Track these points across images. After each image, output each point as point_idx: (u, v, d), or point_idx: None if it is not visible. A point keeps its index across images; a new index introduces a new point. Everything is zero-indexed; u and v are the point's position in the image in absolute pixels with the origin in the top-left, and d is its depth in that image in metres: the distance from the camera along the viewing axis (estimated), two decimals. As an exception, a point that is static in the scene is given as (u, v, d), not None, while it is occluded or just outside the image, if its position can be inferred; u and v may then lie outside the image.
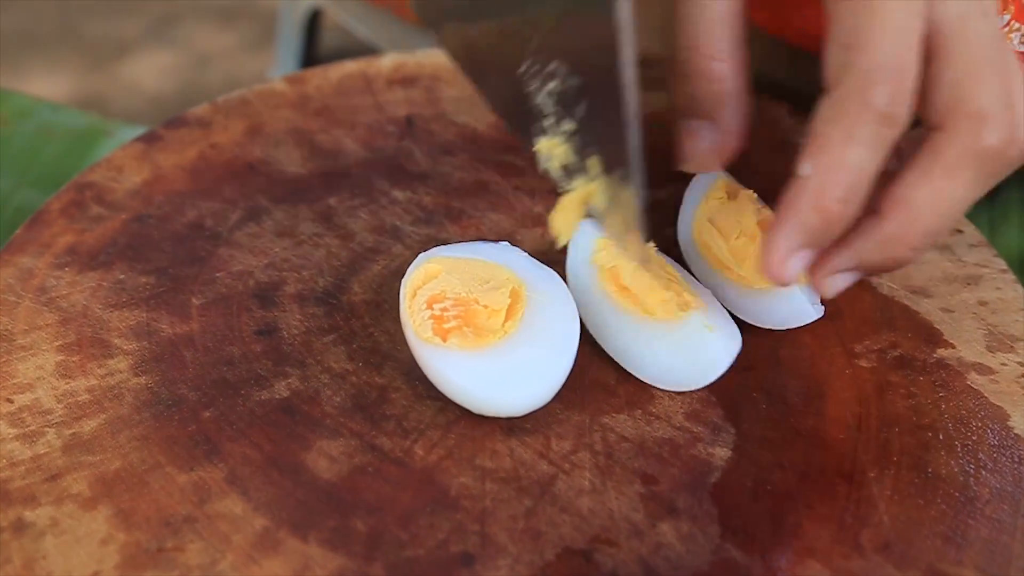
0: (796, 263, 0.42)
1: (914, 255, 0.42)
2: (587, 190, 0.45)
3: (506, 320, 0.44)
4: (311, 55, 1.35)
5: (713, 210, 0.50)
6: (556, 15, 0.42)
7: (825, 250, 0.43)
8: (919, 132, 0.42)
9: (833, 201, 0.40)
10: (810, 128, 0.41)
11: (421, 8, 0.50)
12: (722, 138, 0.46)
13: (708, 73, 0.45)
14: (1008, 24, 0.50)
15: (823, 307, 0.48)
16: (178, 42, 1.64)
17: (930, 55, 0.41)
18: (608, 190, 0.44)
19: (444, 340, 0.44)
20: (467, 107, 0.62)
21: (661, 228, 0.54)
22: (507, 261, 0.47)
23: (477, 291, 0.45)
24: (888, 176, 0.42)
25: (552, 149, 0.46)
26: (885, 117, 0.39)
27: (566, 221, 0.47)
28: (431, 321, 0.44)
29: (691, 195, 0.52)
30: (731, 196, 0.50)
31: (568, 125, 0.45)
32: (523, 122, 0.47)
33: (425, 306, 0.45)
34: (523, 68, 0.45)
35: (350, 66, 0.65)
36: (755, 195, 0.50)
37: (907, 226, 0.41)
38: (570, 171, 0.46)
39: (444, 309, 0.44)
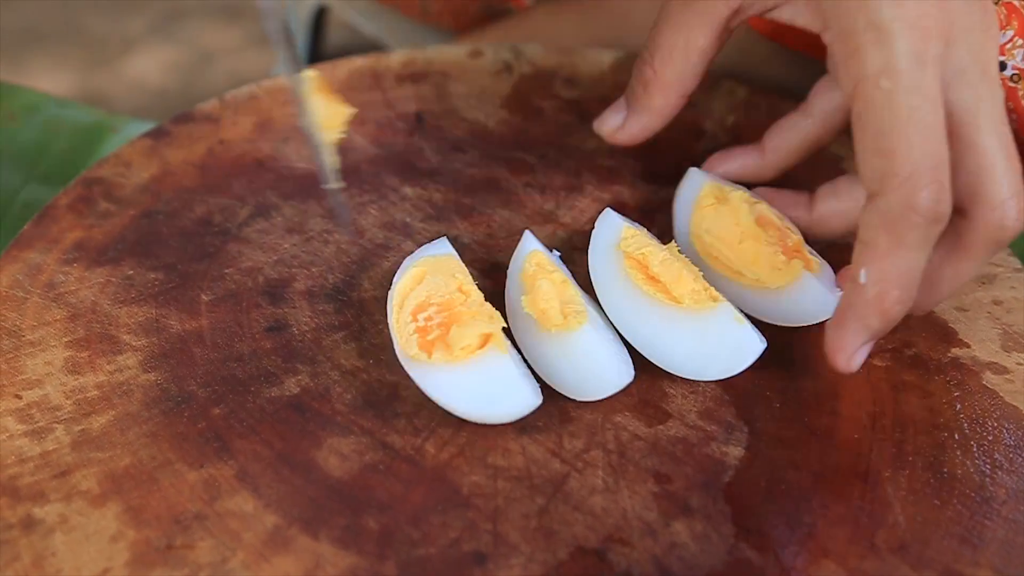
0: (861, 356, 0.44)
1: (920, 314, 0.47)
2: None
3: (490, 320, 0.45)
4: (316, 53, 1.35)
5: (707, 219, 0.50)
6: None
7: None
8: None
9: (892, 304, 0.42)
10: (859, 234, 0.42)
11: None
12: (625, 127, 0.52)
13: (645, 82, 0.50)
14: (1011, 40, 0.49)
15: None
16: (182, 39, 1.64)
17: (949, 142, 0.41)
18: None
19: (429, 355, 0.43)
20: (477, 103, 0.61)
21: (671, 224, 0.54)
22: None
23: (462, 279, 0.46)
24: None
25: None
26: (932, 218, 0.41)
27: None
28: (416, 336, 0.44)
29: (680, 205, 0.52)
30: (720, 200, 0.50)
31: None
32: None
33: (410, 318, 0.44)
34: None
35: (359, 62, 0.65)
36: (746, 193, 0.49)
37: (928, 299, 0.45)
38: None
39: (428, 318, 0.44)
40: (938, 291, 0.45)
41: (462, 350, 0.43)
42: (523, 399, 0.43)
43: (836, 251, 0.53)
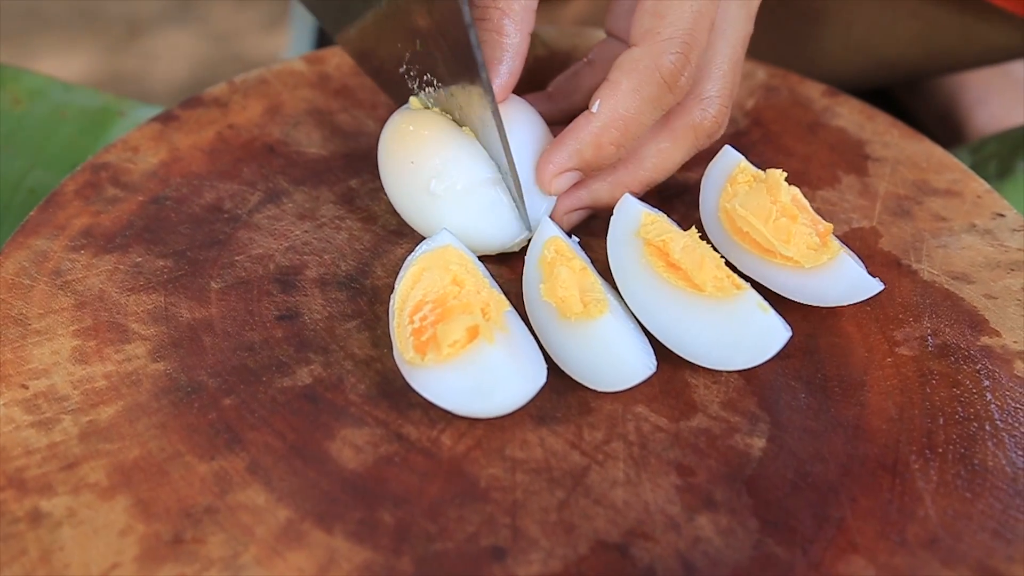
0: (564, 180, 0.49)
1: (634, 194, 0.50)
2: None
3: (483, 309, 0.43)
4: (325, 36, 1.33)
5: (740, 195, 0.48)
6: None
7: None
8: None
9: (608, 141, 0.47)
10: (609, 74, 0.48)
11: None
12: (496, 80, 0.49)
13: (490, 19, 0.49)
14: None
15: (881, 282, 0.46)
16: (194, 22, 1.63)
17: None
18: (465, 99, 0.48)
19: (423, 357, 0.42)
20: (491, 87, 0.60)
21: (691, 211, 0.53)
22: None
23: (457, 270, 0.45)
24: None
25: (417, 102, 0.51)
26: (670, 80, 0.47)
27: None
28: (411, 338, 0.43)
29: (709, 182, 0.50)
30: (757, 178, 0.49)
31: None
32: (397, 92, 0.52)
33: (408, 320, 0.43)
34: (403, 69, 0.50)
35: (370, 45, 0.64)
36: (785, 174, 0.48)
37: (634, 176, 0.50)
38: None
39: (423, 318, 0.43)
40: (643, 167, 0.50)
41: (451, 347, 0.42)
42: (516, 388, 0.42)
43: (854, 239, 0.52)
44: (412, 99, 0.51)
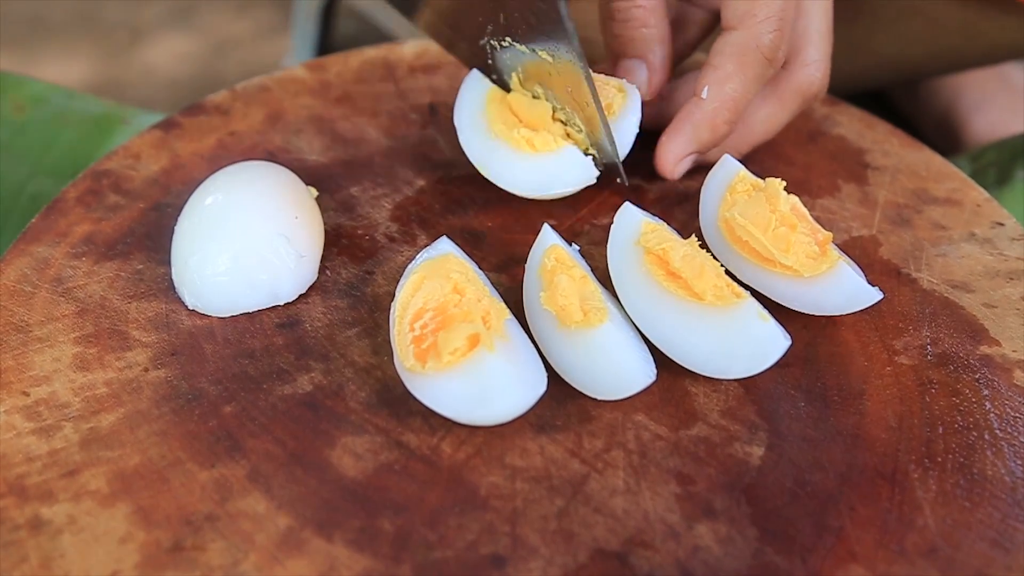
0: (685, 164, 0.53)
1: (737, 156, 0.54)
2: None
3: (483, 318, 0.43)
4: (326, 43, 1.34)
5: (740, 204, 0.48)
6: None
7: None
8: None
9: (722, 122, 0.51)
10: (709, 59, 0.51)
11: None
12: (650, 74, 0.54)
13: (634, 19, 0.53)
14: None
15: (881, 291, 0.46)
16: (195, 28, 1.63)
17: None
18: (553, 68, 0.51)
19: (423, 365, 0.42)
20: (492, 94, 0.60)
21: (691, 220, 0.53)
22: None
23: (458, 278, 0.44)
24: None
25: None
26: (770, 57, 0.50)
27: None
28: (412, 346, 0.43)
29: (708, 191, 0.50)
30: (756, 187, 0.49)
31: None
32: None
33: (408, 328, 0.43)
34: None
35: (371, 52, 0.64)
36: (784, 183, 0.48)
37: (743, 139, 0.54)
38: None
39: (424, 326, 0.43)
40: (752, 132, 0.54)
41: (451, 355, 0.42)
42: (516, 396, 0.42)
43: (854, 247, 0.52)
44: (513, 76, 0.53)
